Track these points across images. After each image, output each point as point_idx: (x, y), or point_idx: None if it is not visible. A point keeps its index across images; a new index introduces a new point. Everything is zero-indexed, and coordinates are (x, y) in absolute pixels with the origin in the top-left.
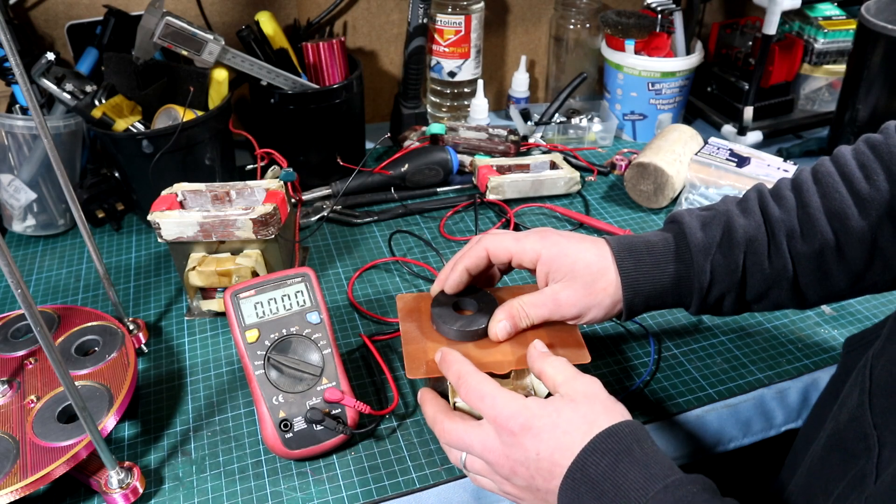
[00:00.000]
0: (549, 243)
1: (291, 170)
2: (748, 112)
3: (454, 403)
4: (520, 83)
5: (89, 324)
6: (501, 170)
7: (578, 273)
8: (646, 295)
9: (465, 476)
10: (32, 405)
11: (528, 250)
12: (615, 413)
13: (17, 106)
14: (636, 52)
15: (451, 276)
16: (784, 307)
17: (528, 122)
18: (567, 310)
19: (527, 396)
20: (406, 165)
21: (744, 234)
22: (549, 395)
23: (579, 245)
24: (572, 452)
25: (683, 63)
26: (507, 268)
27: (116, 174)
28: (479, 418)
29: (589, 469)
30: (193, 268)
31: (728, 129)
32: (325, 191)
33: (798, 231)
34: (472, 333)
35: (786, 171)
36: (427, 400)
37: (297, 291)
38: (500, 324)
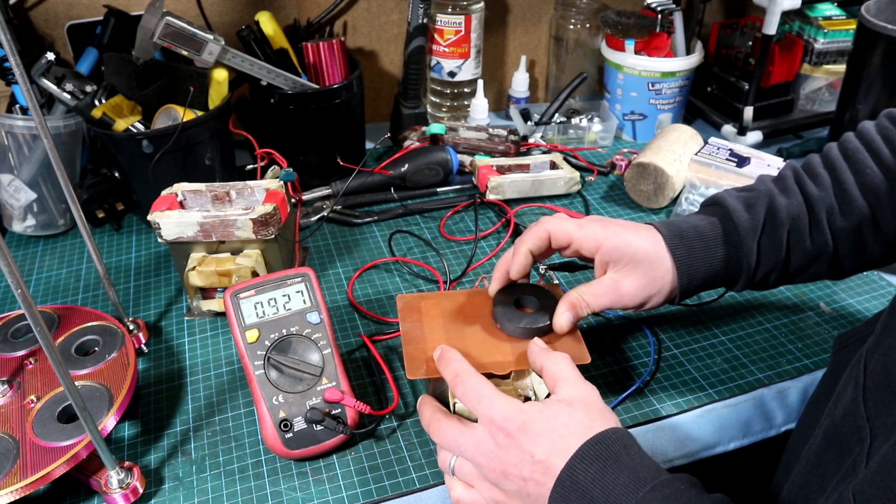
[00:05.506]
0: (609, 232)
1: (291, 170)
2: (748, 112)
3: (454, 405)
4: (520, 83)
5: (89, 324)
6: (501, 170)
7: (640, 262)
8: (699, 280)
9: None
10: (32, 405)
11: (590, 237)
12: (609, 421)
13: (17, 106)
14: (636, 52)
15: (515, 260)
16: (821, 278)
17: (528, 122)
18: (629, 299)
19: (526, 398)
20: (406, 165)
21: (787, 213)
22: (548, 395)
23: (636, 234)
24: (566, 456)
25: (683, 63)
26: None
27: (116, 174)
28: (476, 422)
29: (578, 475)
30: (193, 268)
31: (728, 129)
32: (325, 191)
33: (837, 208)
34: (537, 330)
35: None
36: (425, 402)
37: (297, 291)
38: (563, 315)
